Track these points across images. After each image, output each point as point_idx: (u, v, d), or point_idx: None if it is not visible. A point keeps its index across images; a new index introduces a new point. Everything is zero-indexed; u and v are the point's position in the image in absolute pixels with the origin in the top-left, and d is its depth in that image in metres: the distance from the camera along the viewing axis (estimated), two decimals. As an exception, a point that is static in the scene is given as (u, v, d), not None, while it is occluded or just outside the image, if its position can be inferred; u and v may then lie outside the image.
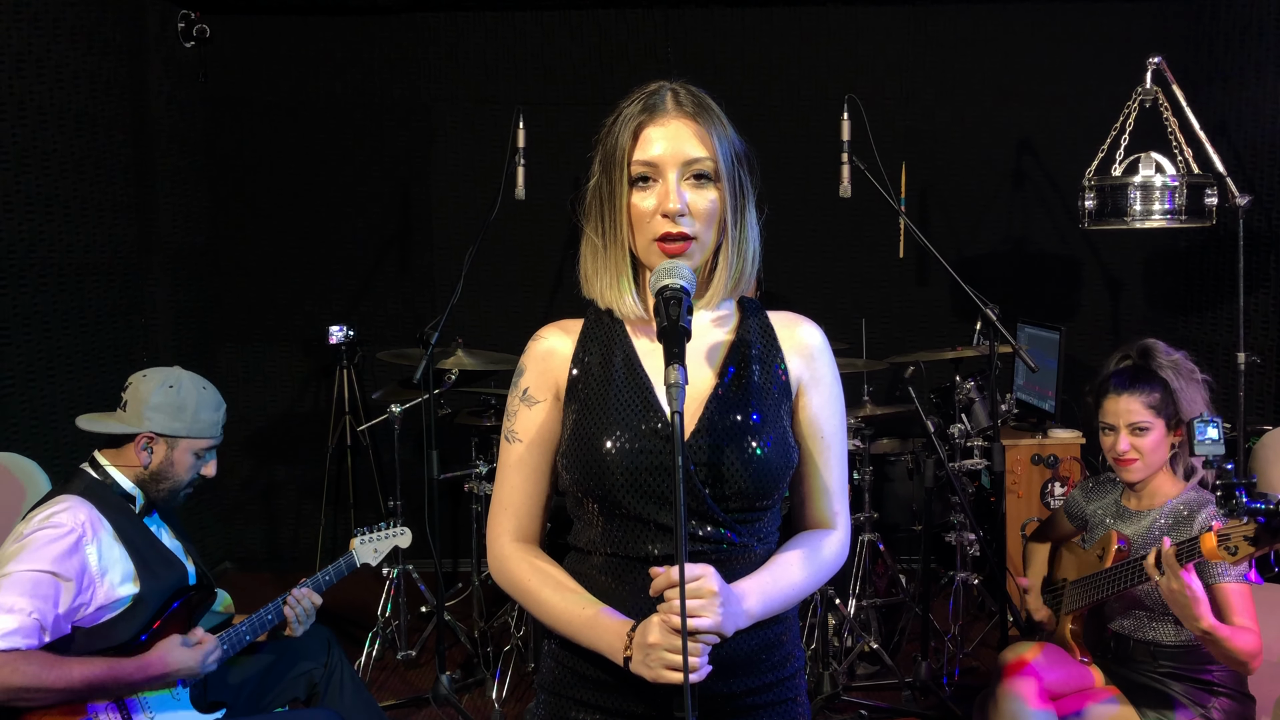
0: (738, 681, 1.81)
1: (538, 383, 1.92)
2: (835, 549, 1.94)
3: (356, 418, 6.01)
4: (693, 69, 5.98)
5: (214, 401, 3.17)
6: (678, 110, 1.85)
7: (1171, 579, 2.74)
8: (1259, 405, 5.10)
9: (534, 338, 1.96)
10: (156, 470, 3.06)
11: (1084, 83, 5.93)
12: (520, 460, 1.92)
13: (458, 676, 4.64)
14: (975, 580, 4.92)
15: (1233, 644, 2.77)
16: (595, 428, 1.83)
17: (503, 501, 1.94)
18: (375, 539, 3.68)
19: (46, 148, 4.71)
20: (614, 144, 1.85)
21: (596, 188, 1.89)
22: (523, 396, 1.93)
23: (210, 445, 3.17)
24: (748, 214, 1.91)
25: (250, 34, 6.13)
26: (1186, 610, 2.74)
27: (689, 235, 1.80)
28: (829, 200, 4.66)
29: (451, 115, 6.22)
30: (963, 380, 4.93)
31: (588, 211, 1.91)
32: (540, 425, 1.91)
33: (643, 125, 1.84)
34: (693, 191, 1.82)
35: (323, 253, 6.26)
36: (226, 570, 6.32)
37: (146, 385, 3.07)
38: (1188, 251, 5.76)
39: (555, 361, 1.92)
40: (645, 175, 1.82)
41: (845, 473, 1.98)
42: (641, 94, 1.88)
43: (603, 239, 1.88)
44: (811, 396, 1.93)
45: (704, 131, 1.84)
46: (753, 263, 1.91)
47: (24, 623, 2.68)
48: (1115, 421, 3.09)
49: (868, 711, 4.28)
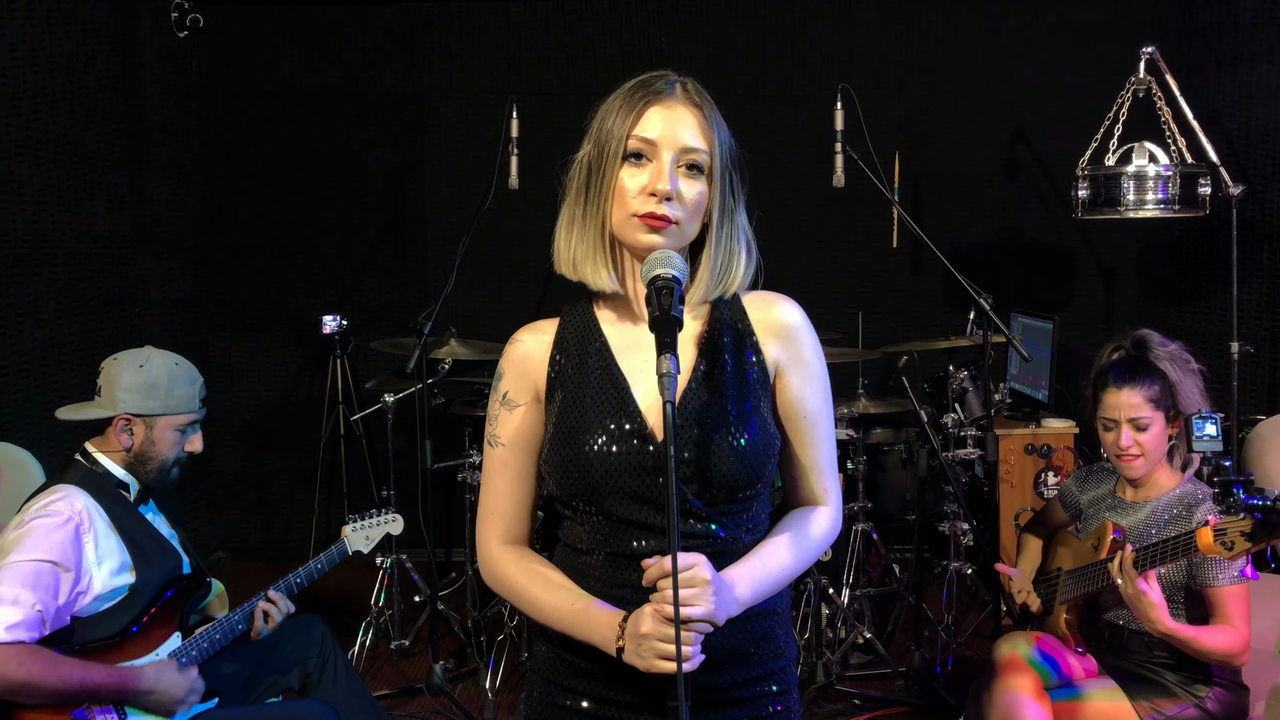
0: (726, 674, 1.82)
1: (516, 386, 1.92)
2: (825, 525, 1.93)
3: (350, 407, 6.01)
4: (686, 58, 5.98)
5: (187, 377, 3.13)
6: (685, 97, 1.85)
7: (1128, 584, 2.82)
8: (1252, 395, 5.10)
9: (510, 341, 1.96)
10: (139, 451, 3.04)
11: (1077, 72, 5.93)
12: (504, 464, 1.92)
13: (451, 666, 4.64)
14: (969, 570, 4.92)
15: (1201, 643, 2.83)
16: (573, 430, 1.83)
17: (489, 506, 1.95)
18: (367, 526, 3.68)
19: (39, 138, 4.70)
20: (613, 117, 1.83)
21: (585, 157, 1.87)
22: (503, 401, 1.93)
23: (191, 420, 3.13)
24: (738, 217, 1.90)
25: (244, 23, 6.10)
26: (1145, 615, 2.82)
27: (670, 219, 1.78)
28: (822, 190, 4.65)
29: (445, 104, 6.20)
30: (956, 370, 4.93)
31: (570, 181, 1.90)
32: (521, 429, 1.91)
33: (648, 104, 1.83)
34: (684, 180, 1.81)
35: (316, 242, 6.25)
36: (220, 560, 6.32)
37: (117, 367, 3.05)
38: (1181, 241, 5.76)
39: (532, 364, 1.92)
40: (640, 152, 1.81)
41: (834, 449, 1.97)
42: (650, 76, 1.87)
43: (584, 209, 1.86)
44: (791, 378, 1.92)
45: (706, 125, 1.84)
46: (744, 266, 1.90)
47: (27, 615, 2.68)
48: (1116, 416, 3.08)
49: (861, 701, 4.30)
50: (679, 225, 1.80)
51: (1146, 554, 2.82)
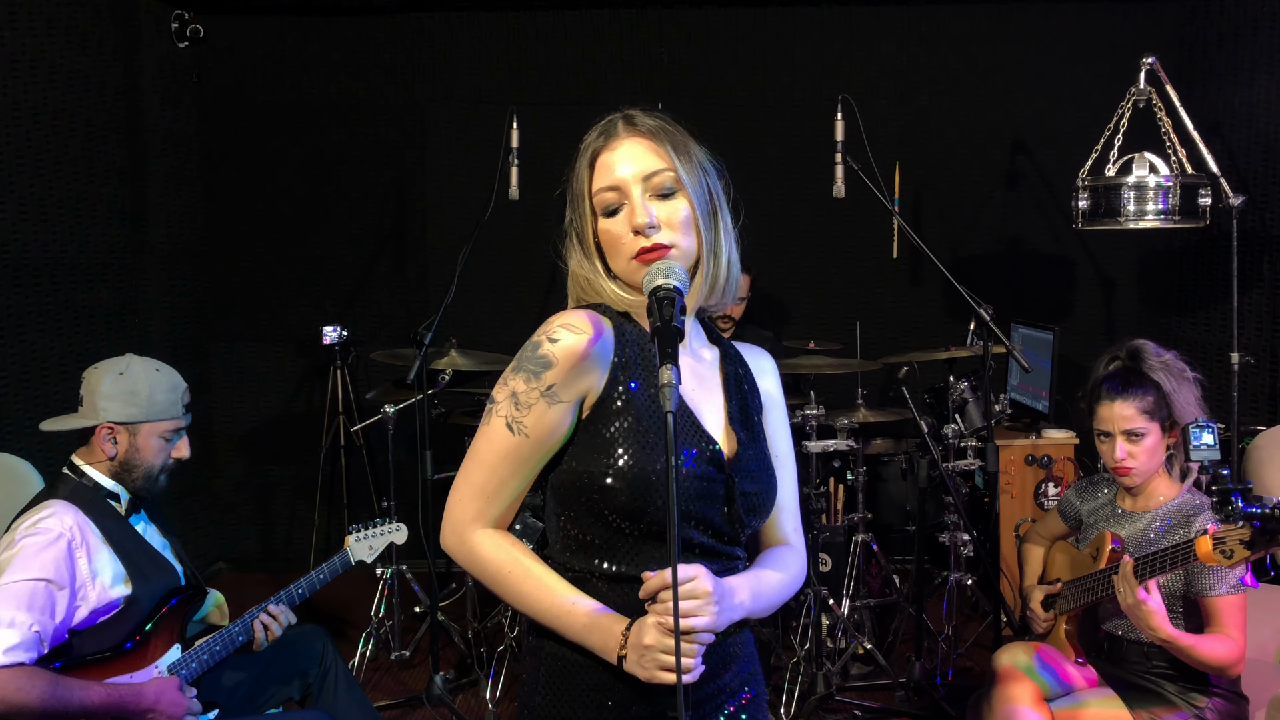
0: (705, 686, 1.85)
1: (565, 381, 1.78)
2: (799, 564, 2.01)
3: (350, 418, 6.01)
4: (686, 69, 6.00)
5: (169, 383, 3.09)
6: (629, 131, 1.86)
7: (1127, 593, 2.82)
8: (1252, 405, 5.10)
9: (568, 327, 1.80)
10: (124, 460, 3.03)
11: (1078, 83, 5.94)
12: (519, 456, 1.81)
13: (451, 676, 4.64)
14: (969, 580, 4.92)
15: (1198, 651, 2.84)
16: (650, 450, 1.77)
17: (482, 487, 1.84)
18: (370, 536, 3.68)
19: (40, 148, 4.70)
20: (577, 179, 1.88)
21: (570, 226, 1.92)
22: (545, 391, 1.78)
23: (175, 427, 3.10)
24: (721, 221, 1.89)
25: (244, 34, 6.12)
26: (1144, 622, 2.82)
27: (665, 245, 1.80)
28: (823, 200, 4.65)
29: (445, 115, 6.21)
30: (956, 380, 4.93)
31: (566, 251, 1.93)
32: (554, 426, 1.80)
33: (598, 153, 1.86)
34: (660, 205, 1.82)
35: (316, 253, 6.26)
36: (220, 571, 6.31)
37: (97, 376, 3.04)
38: (1182, 252, 5.76)
39: (590, 366, 1.80)
40: (611, 205, 1.84)
41: (797, 492, 2.04)
42: (596, 127, 1.90)
43: (590, 271, 1.90)
44: (771, 414, 2.01)
45: (658, 146, 1.85)
46: (728, 270, 1.90)
47: (25, 637, 2.67)
48: (1110, 428, 3.09)
49: (861, 712, 4.29)
50: (676, 248, 1.81)
51: (1145, 563, 2.83)
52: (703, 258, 1.86)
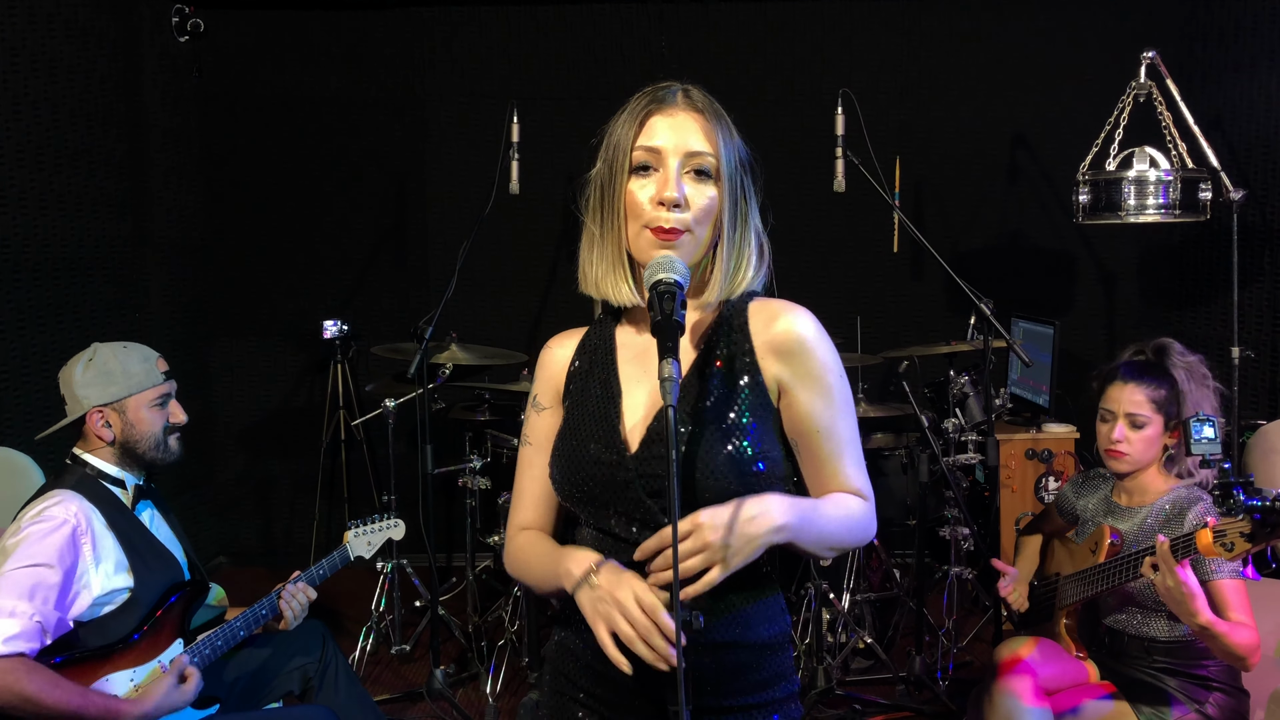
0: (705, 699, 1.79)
1: (544, 389, 1.99)
2: (863, 507, 1.85)
3: (351, 412, 6.01)
4: (687, 63, 5.98)
5: (139, 354, 3.10)
6: (687, 104, 1.85)
7: (1167, 575, 2.72)
8: (1253, 400, 5.10)
9: (544, 347, 2.03)
10: (124, 439, 3.04)
11: (1078, 77, 5.94)
12: (529, 462, 1.99)
13: (452, 671, 4.64)
14: (969, 575, 4.92)
15: (1231, 639, 2.76)
16: (571, 436, 1.88)
17: (516, 499, 2.02)
18: (369, 531, 3.68)
19: (40, 142, 4.70)
20: (619, 131, 1.85)
21: (598, 175, 1.88)
22: (533, 403, 2.00)
23: (161, 393, 3.10)
24: (750, 219, 1.89)
25: (245, 28, 6.11)
26: (1183, 606, 2.72)
27: (680, 230, 1.78)
28: (823, 195, 4.65)
29: (446, 109, 6.21)
30: (957, 375, 4.93)
31: (587, 201, 1.90)
32: (549, 430, 1.96)
33: (650, 114, 1.84)
34: (692, 185, 1.80)
35: (317, 247, 6.26)
36: (221, 565, 6.32)
37: (69, 371, 3.05)
38: (1182, 246, 5.76)
39: (556, 369, 1.99)
40: (646, 164, 1.81)
41: (859, 455, 1.88)
42: (654, 87, 1.88)
43: (600, 228, 1.86)
44: (798, 394, 1.83)
45: (710, 128, 1.83)
46: (754, 269, 1.88)
47: (26, 626, 2.67)
48: (1115, 409, 3.09)
49: (862, 706, 4.29)
50: (690, 234, 1.79)
51: (1177, 546, 2.77)
52: (723, 250, 1.85)
